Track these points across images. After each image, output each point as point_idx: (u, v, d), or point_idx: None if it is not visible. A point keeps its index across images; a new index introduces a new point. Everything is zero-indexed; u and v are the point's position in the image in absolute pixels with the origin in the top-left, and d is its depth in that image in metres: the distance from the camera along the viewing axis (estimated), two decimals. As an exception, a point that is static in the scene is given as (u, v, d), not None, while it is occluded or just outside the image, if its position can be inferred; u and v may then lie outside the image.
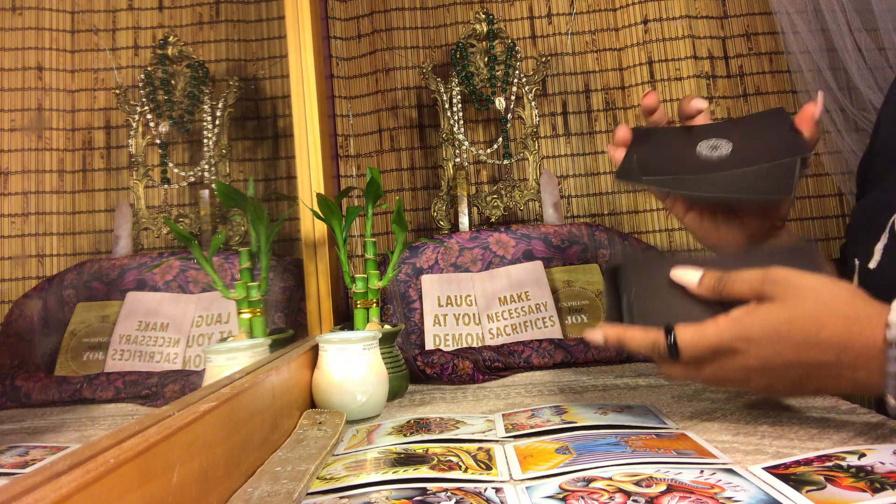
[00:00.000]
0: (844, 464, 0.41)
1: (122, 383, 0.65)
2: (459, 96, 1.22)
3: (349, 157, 1.37)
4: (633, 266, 0.56)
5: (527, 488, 0.41)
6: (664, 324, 0.49)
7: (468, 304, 1.03)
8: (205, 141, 0.95)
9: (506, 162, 1.24)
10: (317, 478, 0.46)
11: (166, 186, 0.92)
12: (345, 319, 0.98)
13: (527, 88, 1.23)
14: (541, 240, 1.11)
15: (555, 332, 0.98)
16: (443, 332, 1.00)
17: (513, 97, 1.23)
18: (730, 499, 0.37)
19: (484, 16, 1.22)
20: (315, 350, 0.70)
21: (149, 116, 0.92)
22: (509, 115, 1.23)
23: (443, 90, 1.22)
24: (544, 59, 1.25)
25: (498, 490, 0.41)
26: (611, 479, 0.41)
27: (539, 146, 1.25)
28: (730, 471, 0.42)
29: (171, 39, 0.95)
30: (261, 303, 0.72)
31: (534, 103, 1.23)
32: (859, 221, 0.62)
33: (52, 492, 0.25)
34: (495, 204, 1.22)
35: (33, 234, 0.74)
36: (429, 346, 0.98)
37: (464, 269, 1.08)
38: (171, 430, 0.34)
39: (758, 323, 0.46)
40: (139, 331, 0.75)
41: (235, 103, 1.00)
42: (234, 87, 1.00)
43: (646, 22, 1.34)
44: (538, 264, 1.07)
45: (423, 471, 0.45)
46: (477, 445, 0.52)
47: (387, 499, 0.40)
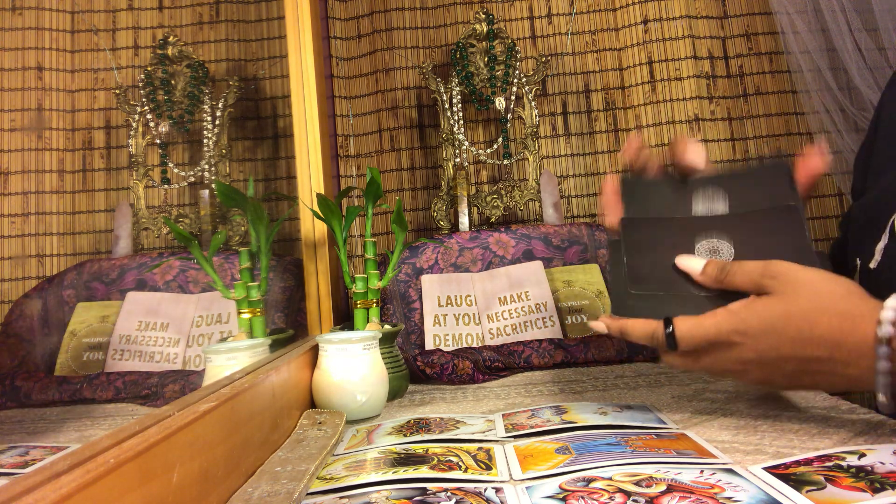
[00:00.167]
0: (844, 464, 0.41)
1: (122, 383, 0.65)
2: (459, 96, 1.22)
3: (349, 157, 1.37)
4: (632, 229, 0.59)
5: (527, 488, 0.41)
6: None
7: (468, 304, 1.03)
8: (205, 141, 0.95)
9: (506, 162, 1.24)
10: (317, 478, 0.46)
11: (166, 186, 0.92)
12: (345, 319, 0.98)
13: (527, 88, 1.23)
14: (541, 240, 1.11)
15: (555, 332, 0.98)
16: (443, 332, 1.00)
17: (513, 97, 1.23)
18: (730, 499, 0.37)
19: (484, 16, 1.22)
20: (315, 350, 0.70)
21: (149, 116, 0.92)
22: (509, 115, 1.23)
23: (443, 90, 1.22)
24: (544, 59, 1.25)
25: (498, 490, 0.41)
26: (611, 479, 0.41)
27: (539, 146, 1.25)
28: (730, 471, 0.42)
29: (171, 39, 0.95)
30: (261, 303, 0.72)
31: (534, 103, 1.23)
32: (860, 221, 0.62)
33: (52, 492, 0.25)
34: (495, 204, 1.22)
35: (33, 234, 0.74)
36: (429, 346, 0.98)
37: (464, 269, 1.08)
38: (171, 430, 0.34)
39: (755, 317, 0.47)
40: (139, 331, 0.75)
41: (235, 103, 1.00)
42: (234, 87, 1.00)
43: (646, 22, 1.34)
44: (538, 264, 1.07)
45: (423, 471, 0.45)
46: (477, 445, 0.52)
47: (387, 499, 0.40)
